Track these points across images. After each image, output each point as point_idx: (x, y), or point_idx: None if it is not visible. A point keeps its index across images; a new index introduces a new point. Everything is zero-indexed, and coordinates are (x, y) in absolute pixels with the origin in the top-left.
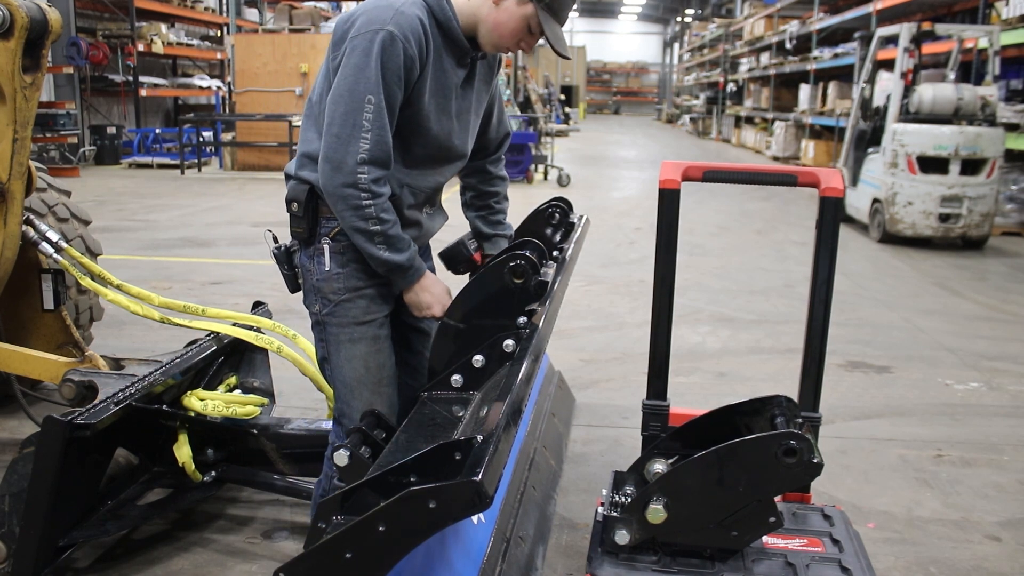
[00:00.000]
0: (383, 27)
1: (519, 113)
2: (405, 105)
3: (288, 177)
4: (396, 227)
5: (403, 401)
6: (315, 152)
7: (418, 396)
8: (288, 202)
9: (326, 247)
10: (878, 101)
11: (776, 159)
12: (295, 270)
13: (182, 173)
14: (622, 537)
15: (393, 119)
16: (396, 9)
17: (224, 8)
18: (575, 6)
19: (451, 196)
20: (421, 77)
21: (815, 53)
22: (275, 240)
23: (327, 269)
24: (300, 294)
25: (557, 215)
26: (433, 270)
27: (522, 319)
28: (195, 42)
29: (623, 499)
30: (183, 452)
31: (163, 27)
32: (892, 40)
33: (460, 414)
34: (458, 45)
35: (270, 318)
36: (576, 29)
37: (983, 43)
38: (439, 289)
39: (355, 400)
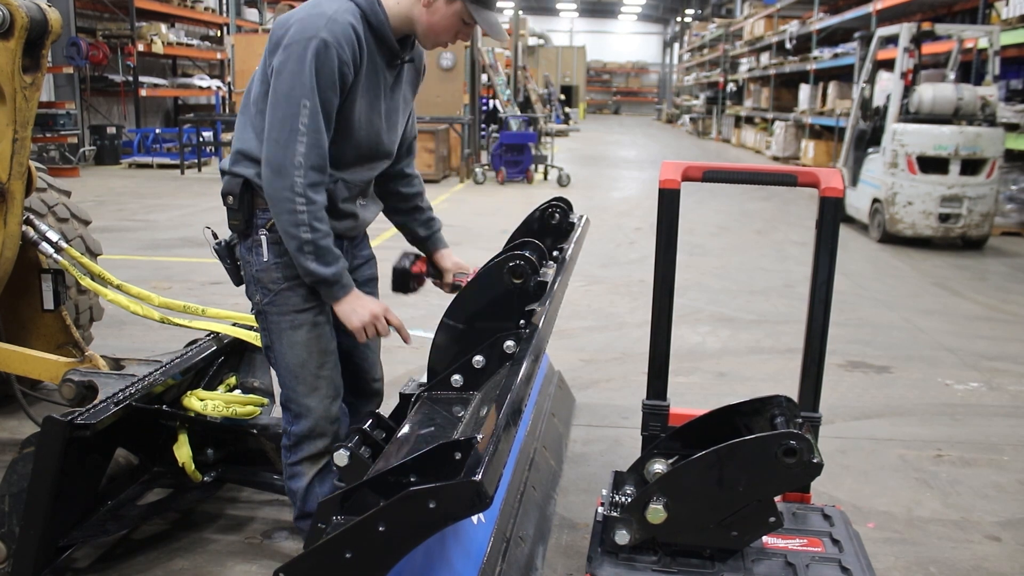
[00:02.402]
0: (317, 35)
1: (519, 113)
2: (339, 108)
3: (223, 173)
4: (327, 240)
5: (349, 382)
6: (248, 150)
7: (418, 396)
8: (224, 196)
9: (263, 238)
10: (878, 101)
11: (776, 159)
12: (237, 263)
13: (182, 173)
14: (622, 537)
15: (330, 124)
16: (329, 17)
17: (224, 8)
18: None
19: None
20: (355, 81)
21: (815, 53)
22: (215, 236)
23: (265, 259)
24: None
25: (557, 215)
26: (373, 259)
27: (522, 319)
28: (195, 42)
29: (623, 499)
30: (183, 452)
31: (163, 27)
32: (892, 40)
33: (460, 414)
34: (390, 49)
35: None
36: (576, 29)
37: (983, 43)
38: (370, 309)
39: (300, 385)
